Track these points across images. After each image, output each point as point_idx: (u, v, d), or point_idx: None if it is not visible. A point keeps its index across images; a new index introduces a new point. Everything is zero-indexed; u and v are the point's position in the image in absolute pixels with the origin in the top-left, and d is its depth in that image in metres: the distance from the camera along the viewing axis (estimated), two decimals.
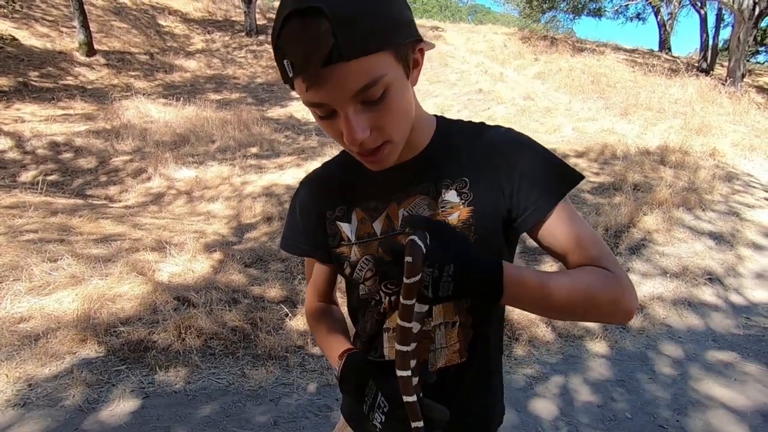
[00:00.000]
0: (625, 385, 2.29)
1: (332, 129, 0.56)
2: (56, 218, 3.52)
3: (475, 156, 0.65)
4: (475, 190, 0.64)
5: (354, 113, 0.52)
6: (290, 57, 0.49)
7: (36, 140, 5.56)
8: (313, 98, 0.51)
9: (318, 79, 0.49)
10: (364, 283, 0.70)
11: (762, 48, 16.09)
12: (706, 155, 5.33)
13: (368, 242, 0.68)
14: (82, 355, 2.09)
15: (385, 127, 0.55)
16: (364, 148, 0.56)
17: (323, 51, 0.47)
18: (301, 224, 0.75)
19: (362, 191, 0.69)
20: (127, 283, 2.63)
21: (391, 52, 0.51)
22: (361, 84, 0.50)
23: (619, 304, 0.59)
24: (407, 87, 0.56)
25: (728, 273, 3.37)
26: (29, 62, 8.01)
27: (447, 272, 0.50)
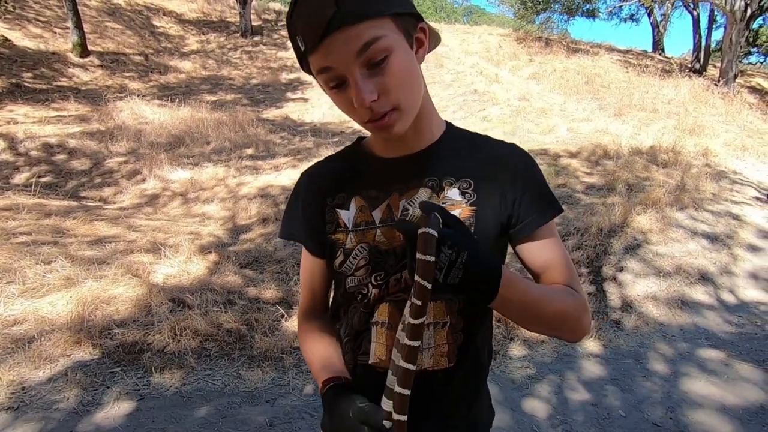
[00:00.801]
0: (619, 383, 2.31)
1: (343, 100, 0.59)
2: (50, 220, 3.50)
3: (481, 161, 0.68)
4: (478, 191, 0.66)
5: (361, 77, 0.55)
6: (300, 31, 0.55)
7: (29, 142, 5.52)
8: (321, 64, 0.56)
9: (323, 45, 0.54)
10: (355, 273, 0.69)
11: (754, 49, 16.26)
12: (698, 155, 5.38)
13: (365, 230, 0.68)
14: (77, 357, 2.08)
15: (392, 91, 0.57)
16: (373, 113, 0.58)
17: (327, 18, 0.52)
18: (299, 212, 0.75)
19: (364, 180, 0.70)
20: (121, 285, 2.62)
21: (390, 19, 0.56)
22: (362, 42, 0.53)
23: (580, 324, 0.65)
24: (412, 58, 0.60)
25: (721, 272, 3.40)
26: (22, 63, 7.96)
27: (461, 258, 0.51)
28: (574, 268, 0.69)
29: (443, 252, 0.50)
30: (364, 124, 0.61)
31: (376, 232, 0.67)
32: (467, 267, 0.51)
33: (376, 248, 0.67)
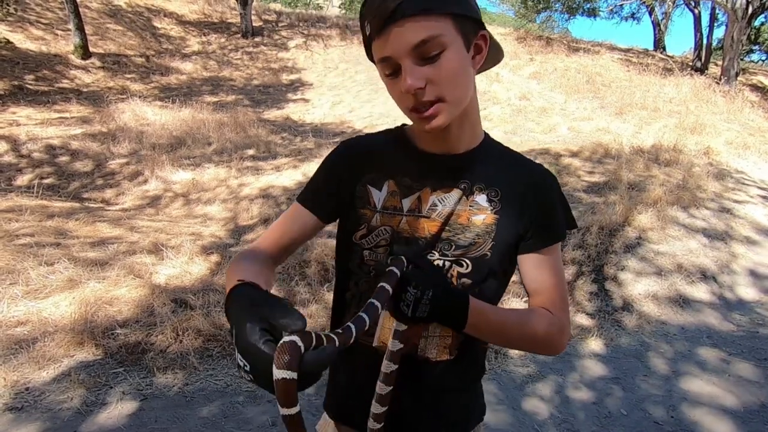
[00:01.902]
0: (620, 382, 2.31)
1: (395, 87, 0.63)
2: (52, 222, 3.52)
3: (510, 175, 0.73)
4: (504, 202, 0.71)
5: (411, 65, 0.59)
6: (369, 18, 0.60)
7: (32, 143, 5.54)
8: (381, 52, 0.61)
9: (385, 32, 0.58)
10: (375, 249, 0.72)
11: (756, 47, 16.21)
12: (700, 154, 5.37)
13: (392, 215, 0.72)
14: (80, 358, 2.09)
15: (439, 82, 0.60)
16: (418, 100, 0.61)
17: (391, 7, 0.57)
18: (322, 181, 0.77)
19: (401, 166, 0.73)
20: (124, 286, 2.63)
21: (450, 20, 0.60)
22: (419, 38, 0.58)
23: (552, 345, 0.71)
24: (465, 59, 0.63)
25: (722, 270, 3.40)
26: (24, 65, 7.99)
27: (427, 296, 0.58)
28: (564, 292, 0.73)
29: (408, 291, 0.58)
30: (408, 112, 0.64)
31: (402, 219, 0.71)
32: (433, 302, 0.58)
33: (399, 234, 0.71)
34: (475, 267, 0.70)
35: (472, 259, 0.70)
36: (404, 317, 0.60)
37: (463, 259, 0.70)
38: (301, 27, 12.39)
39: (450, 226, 0.70)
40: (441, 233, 0.70)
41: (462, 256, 0.70)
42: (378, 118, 7.41)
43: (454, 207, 0.70)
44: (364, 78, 9.31)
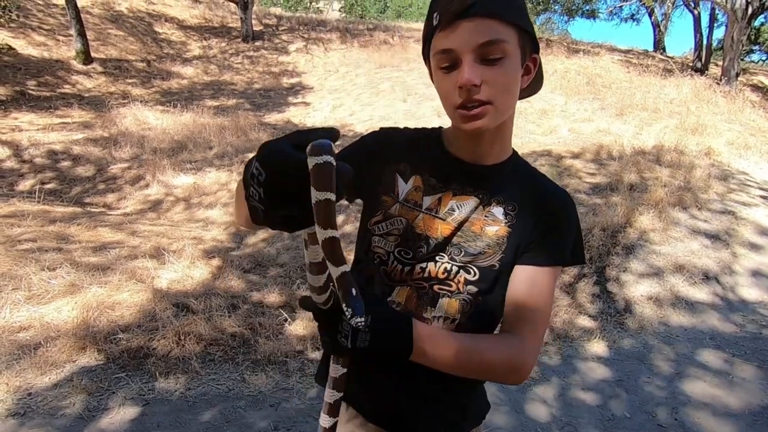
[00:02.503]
0: (623, 384, 2.30)
1: (448, 81, 0.64)
2: (54, 227, 3.53)
3: (530, 194, 0.73)
4: (519, 218, 0.71)
5: (472, 61, 0.61)
6: (440, 9, 0.62)
7: (33, 149, 5.56)
8: (444, 44, 0.62)
9: (454, 24, 0.60)
10: (386, 237, 0.74)
11: (756, 47, 16.21)
12: (701, 154, 5.36)
13: (411, 209, 0.73)
14: (82, 363, 2.09)
15: (493, 86, 0.62)
16: (469, 97, 0.62)
17: (466, 4, 0.59)
18: (356, 151, 0.77)
19: (430, 165, 0.74)
20: (126, 290, 2.63)
21: (516, 31, 0.62)
22: (486, 38, 0.60)
23: (514, 374, 0.68)
24: (519, 73, 0.65)
25: (724, 271, 3.39)
26: (26, 71, 8.03)
27: (365, 322, 0.53)
28: (543, 320, 0.70)
29: (344, 320, 0.54)
30: (453, 109, 0.65)
31: (419, 216, 0.72)
32: (373, 330, 0.55)
33: (413, 228, 0.72)
34: (482, 276, 0.70)
35: (480, 268, 0.70)
36: (343, 350, 0.56)
37: (471, 266, 0.70)
38: (302, 31, 12.43)
39: (462, 232, 0.71)
40: (452, 237, 0.71)
41: (470, 263, 0.70)
42: (379, 120, 7.42)
43: (469, 214, 0.71)
44: (364, 81, 9.33)
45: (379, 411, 0.77)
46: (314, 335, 2.49)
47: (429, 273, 0.71)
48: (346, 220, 4.05)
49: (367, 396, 0.77)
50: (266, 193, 0.44)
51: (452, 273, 0.70)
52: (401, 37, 11.75)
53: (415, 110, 7.60)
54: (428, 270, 0.71)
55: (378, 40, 11.55)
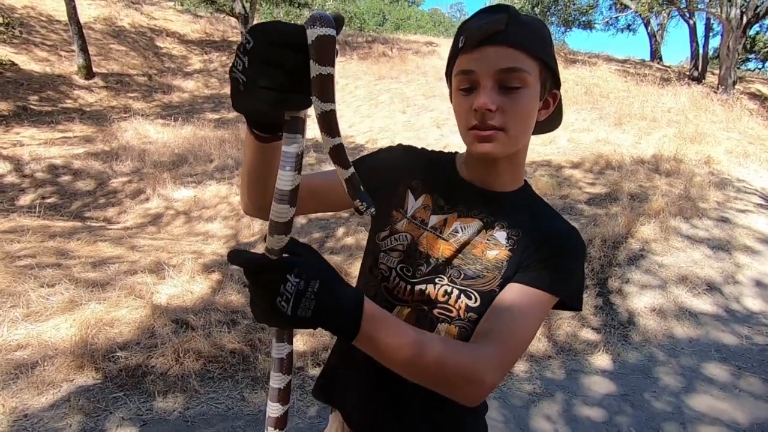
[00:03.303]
0: (629, 399, 2.27)
1: (464, 103, 0.65)
2: (54, 242, 3.52)
3: (537, 225, 0.71)
4: (521, 243, 0.70)
5: (491, 87, 0.62)
6: (467, 33, 0.64)
7: (35, 163, 5.58)
8: (466, 65, 0.64)
9: (479, 49, 0.62)
10: (389, 253, 0.74)
11: (752, 55, 16.34)
12: (700, 163, 5.37)
13: (417, 226, 0.74)
14: (79, 382, 2.07)
15: (508, 113, 0.63)
16: (484, 121, 0.63)
17: (493, 30, 0.61)
18: (376, 159, 0.78)
19: (441, 186, 0.75)
20: (124, 306, 2.61)
21: (538, 65, 0.63)
22: (507, 65, 0.61)
23: (467, 384, 0.57)
24: (535, 104, 0.66)
25: (727, 281, 3.36)
26: (29, 86, 8.10)
27: (312, 287, 0.46)
28: (515, 341, 0.62)
29: (289, 281, 0.46)
30: (467, 131, 0.66)
31: (423, 233, 0.73)
32: (319, 297, 0.47)
33: (415, 245, 0.73)
34: (483, 301, 0.69)
35: (480, 293, 0.69)
36: (281, 317, 0.46)
37: (471, 291, 0.69)
38: None
39: (463, 254, 0.71)
40: (453, 259, 0.71)
41: (470, 287, 0.69)
42: (378, 132, 7.45)
43: (471, 236, 0.71)
44: (363, 93, 9.40)
45: (365, 425, 0.77)
46: (315, 351, 2.47)
47: (429, 295, 0.71)
48: (346, 232, 4.04)
49: (356, 411, 0.77)
50: (251, 60, 0.41)
51: (452, 296, 0.69)
52: (400, 49, 11.87)
53: (414, 121, 7.64)
54: (428, 292, 0.71)
55: (377, 53, 11.66)
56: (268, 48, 0.40)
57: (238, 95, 0.43)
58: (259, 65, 0.40)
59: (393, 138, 6.95)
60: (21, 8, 10.21)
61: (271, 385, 0.53)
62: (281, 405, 0.54)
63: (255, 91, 0.41)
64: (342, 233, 4.03)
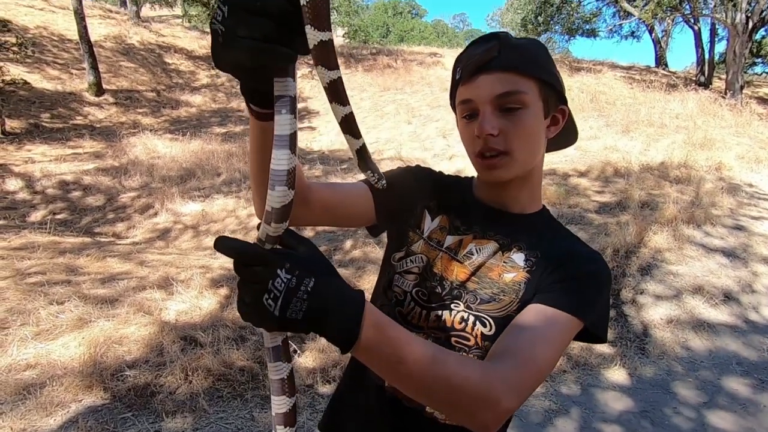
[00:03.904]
0: (648, 416, 2.20)
1: (468, 129, 0.66)
2: (63, 258, 3.54)
3: (556, 246, 0.68)
4: (539, 265, 0.67)
5: (490, 112, 0.63)
6: (463, 64, 0.66)
7: (45, 180, 5.66)
8: (465, 95, 0.65)
9: (474, 78, 0.63)
10: (405, 276, 0.72)
11: (758, 59, 16.24)
12: (711, 169, 5.29)
13: (433, 248, 0.72)
14: (88, 402, 2.05)
15: (511, 135, 0.63)
16: (488, 146, 0.64)
17: (487, 58, 0.62)
18: (395, 176, 0.75)
19: (458, 207, 0.75)
20: (133, 323, 2.60)
21: (536, 84, 0.64)
22: (503, 90, 0.62)
23: (482, 407, 0.50)
24: (541, 125, 0.66)
25: (744, 291, 3.28)
26: (41, 104, 8.26)
27: (306, 286, 0.41)
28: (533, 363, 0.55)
29: (279, 276, 0.40)
30: (474, 157, 0.67)
31: (438, 255, 0.71)
32: (313, 297, 0.41)
33: (430, 267, 0.71)
34: (498, 329, 0.65)
35: (495, 319, 0.65)
36: (268, 317, 0.40)
37: (485, 317, 0.66)
38: (306, 57, 12.70)
39: (479, 278, 0.68)
40: (468, 282, 0.68)
41: (485, 312, 0.66)
42: (384, 143, 7.47)
43: (486, 258, 0.69)
44: (369, 104, 9.46)
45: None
46: (324, 367, 2.43)
47: (445, 322, 0.68)
48: (354, 244, 4.02)
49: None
50: (231, 9, 0.37)
51: (468, 323, 0.66)
52: (404, 61, 11.96)
53: (420, 131, 7.66)
54: (444, 318, 0.68)
55: (381, 64, 11.77)
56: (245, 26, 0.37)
57: (217, 49, 0.39)
58: (239, 13, 0.36)
59: (399, 149, 6.96)
60: (34, 28, 10.47)
61: (274, 411, 0.48)
62: (288, 397, 0.49)
63: (234, 42, 0.37)
64: (350, 246, 4.01)
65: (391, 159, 6.51)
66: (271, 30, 0.37)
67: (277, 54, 0.38)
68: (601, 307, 0.65)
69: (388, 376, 0.50)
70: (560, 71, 2.36)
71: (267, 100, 0.43)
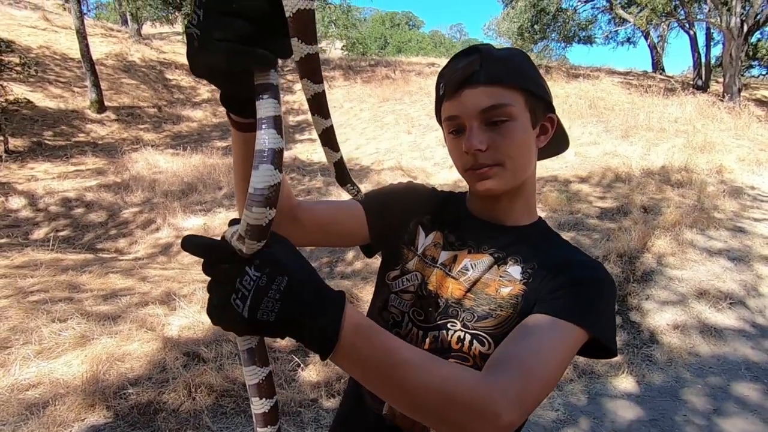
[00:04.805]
0: (658, 424, 2.16)
1: (456, 145, 0.66)
2: (66, 275, 3.53)
3: (554, 257, 0.66)
4: (536, 276, 0.64)
5: (477, 127, 0.62)
6: (445, 80, 0.65)
7: (48, 197, 5.69)
8: (450, 111, 0.64)
9: (458, 94, 0.62)
10: (401, 294, 0.71)
11: (755, 62, 16.33)
12: (712, 173, 5.29)
13: (428, 265, 0.71)
14: (91, 421, 2.03)
15: (500, 148, 0.62)
16: (477, 161, 0.63)
17: (467, 72, 0.61)
18: (386, 194, 0.76)
19: (450, 223, 0.73)
20: (135, 340, 2.59)
21: (521, 95, 0.63)
22: (489, 104, 0.61)
23: (477, 419, 0.45)
24: (530, 135, 0.65)
25: (750, 294, 3.25)
26: (43, 122, 8.34)
27: (278, 285, 0.38)
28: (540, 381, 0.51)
29: (247, 274, 0.37)
30: (464, 172, 0.66)
31: (433, 271, 0.70)
32: (287, 297, 0.38)
33: (426, 285, 0.69)
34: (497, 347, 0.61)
35: (494, 337, 0.63)
36: (235, 319, 0.37)
37: (483, 335, 0.63)
38: None
39: (476, 294, 0.66)
40: (464, 299, 0.66)
41: (482, 330, 0.63)
42: (384, 154, 7.50)
43: (482, 273, 0.67)
44: (368, 115, 9.52)
45: None
46: (329, 381, 2.41)
47: (442, 342, 0.65)
48: (356, 255, 4.01)
49: None
50: (206, 12, 0.35)
51: (465, 342, 0.64)
52: (402, 71, 12.06)
53: (420, 141, 7.69)
54: (441, 339, 0.65)
55: (380, 76, 11.87)
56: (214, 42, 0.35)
57: (192, 53, 0.37)
58: (214, 16, 0.35)
59: (399, 159, 6.98)
60: (37, 48, 10.62)
61: (253, 412, 0.45)
62: (267, 399, 0.45)
63: (210, 45, 0.35)
64: (351, 257, 4.00)
65: (391, 169, 6.53)
66: (248, 32, 0.35)
67: (254, 56, 0.36)
68: (606, 315, 0.61)
69: (377, 387, 0.45)
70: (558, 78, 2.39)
71: (248, 108, 0.41)
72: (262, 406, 0.44)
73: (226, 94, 0.44)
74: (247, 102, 0.40)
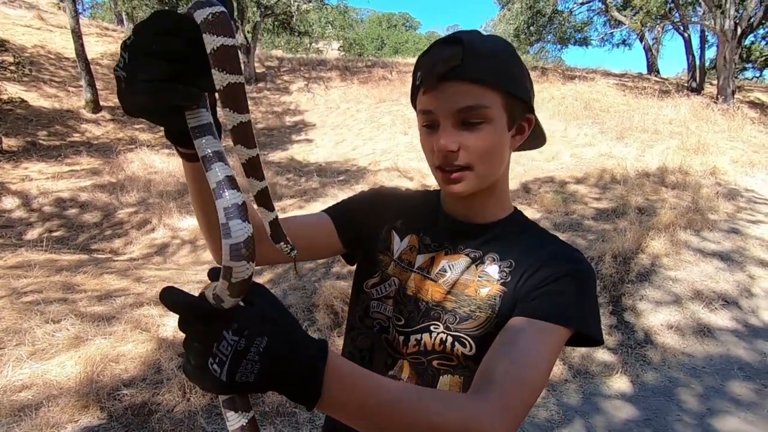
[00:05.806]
0: (651, 424, 2.18)
1: (428, 141, 0.63)
2: (60, 276, 3.51)
3: (533, 251, 0.65)
4: (515, 274, 0.63)
5: (451, 127, 0.60)
6: (422, 68, 0.61)
7: (42, 198, 5.65)
8: (425, 104, 0.61)
9: (435, 87, 0.59)
10: (385, 300, 0.70)
11: (749, 64, 16.47)
12: (706, 174, 5.33)
13: (405, 269, 0.70)
14: (84, 423, 2.02)
15: (472, 150, 0.60)
16: (447, 161, 0.61)
17: (448, 66, 0.57)
18: (356, 204, 0.76)
19: (425, 225, 0.72)
20: (130, 341, 2.58)
21: (501, 96, 0.60)
22: (466, 104, 0.58)
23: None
24: (505, 138, 0.63)
25: (743, 295, 3.28)
26: (38, 122, 8.28)
27: (257, 346, 0.38)
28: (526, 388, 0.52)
29: (225, 339, 0.37)
30: (434, 169, 0.64)
31: (411, 275, 0.69)
32: (266, 358, 0.38)
33: (404, 289, 0.69)
34: (480, 348, 0.61)
35: (475, 338, 0.62)
36: (214, 383, 0.37)
37: (464, 337, 0.63)
38: (303, 71, 12.83)
39: (456, 296, 0.65)
40: (445, 302, 0.65)
41: (463, 331, 0.63)
42: (381, 154, 7.51)
43: (460, 275, 0.66)
44: (365, 116, 9.52)
45: None
46: None
47: (425, 346, 0.65)
48: None
49: None
50: (131, 55, 0.37)
51: (447, 344, 0.63)
52: (399, 72, 12.08)
53: (416, 142, 7.68)
54: (423, 342, 0.65)
55: (377, 76, 11.88)
56: (149, 40, 0.37)
57: (121, 94, 0.39)
58: (139, 58, 0.37)
59: (396, 160, 6.99)
60: (31, 47, 10.55)
61: None
62: None
63: (135, 86, 0.37)
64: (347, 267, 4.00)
65: (387, 170, 6.53)
66: (170, 71, 0.37)
67: (177, 93, 0.38)
68: (588, 307, 0.60)
69: (359, 428, 0.46)
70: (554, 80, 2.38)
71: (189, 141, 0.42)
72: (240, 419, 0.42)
73: (165, 130, 0.45)
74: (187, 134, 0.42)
